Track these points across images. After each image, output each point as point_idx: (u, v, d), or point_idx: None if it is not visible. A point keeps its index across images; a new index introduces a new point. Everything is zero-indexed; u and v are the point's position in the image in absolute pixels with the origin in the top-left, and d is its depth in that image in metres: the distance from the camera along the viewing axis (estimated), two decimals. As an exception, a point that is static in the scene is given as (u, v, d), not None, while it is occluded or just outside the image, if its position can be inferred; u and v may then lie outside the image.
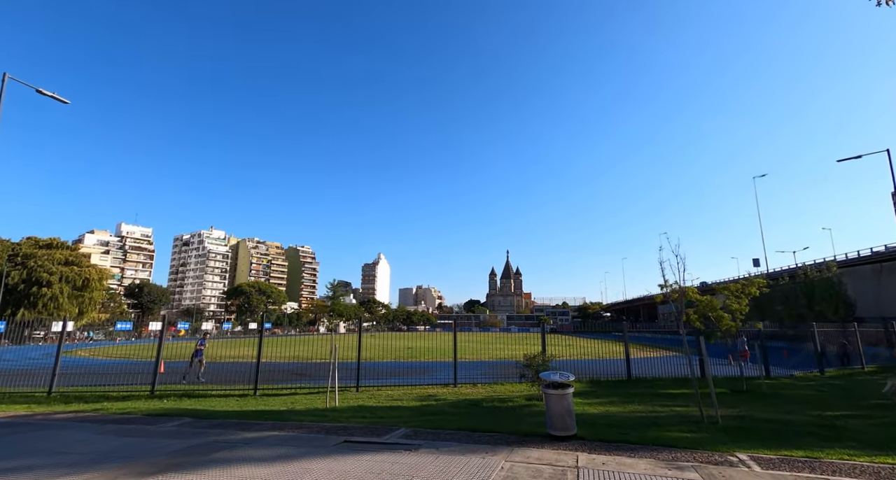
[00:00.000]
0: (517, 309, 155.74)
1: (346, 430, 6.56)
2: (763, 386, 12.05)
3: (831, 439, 6.18)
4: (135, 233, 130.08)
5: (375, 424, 7.10)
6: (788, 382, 14.31)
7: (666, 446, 5.60)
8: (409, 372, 17.37)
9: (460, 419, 7.89)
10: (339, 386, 12.91)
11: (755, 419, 7.81)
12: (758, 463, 4.87)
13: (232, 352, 27.86)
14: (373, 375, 14.11)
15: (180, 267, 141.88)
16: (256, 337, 13.78)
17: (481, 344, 35.46)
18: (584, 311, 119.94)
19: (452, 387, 13.23)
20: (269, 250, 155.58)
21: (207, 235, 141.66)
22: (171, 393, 11.87)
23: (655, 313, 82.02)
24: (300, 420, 7.45)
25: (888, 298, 38.42)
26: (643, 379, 14.55)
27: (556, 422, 5.87)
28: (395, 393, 12.43)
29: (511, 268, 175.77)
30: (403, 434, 6.30)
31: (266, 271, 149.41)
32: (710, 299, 12.30)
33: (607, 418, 7.99)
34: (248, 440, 5.99)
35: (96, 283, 55.31)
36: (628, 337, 15.05)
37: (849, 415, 8.25)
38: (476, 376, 15.11)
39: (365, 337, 30.80)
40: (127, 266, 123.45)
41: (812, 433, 6.55)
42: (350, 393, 12.31)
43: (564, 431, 5.85)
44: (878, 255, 41.48)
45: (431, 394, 12.05)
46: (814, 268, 43.51)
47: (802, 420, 7.69)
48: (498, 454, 5.21)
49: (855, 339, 17.71)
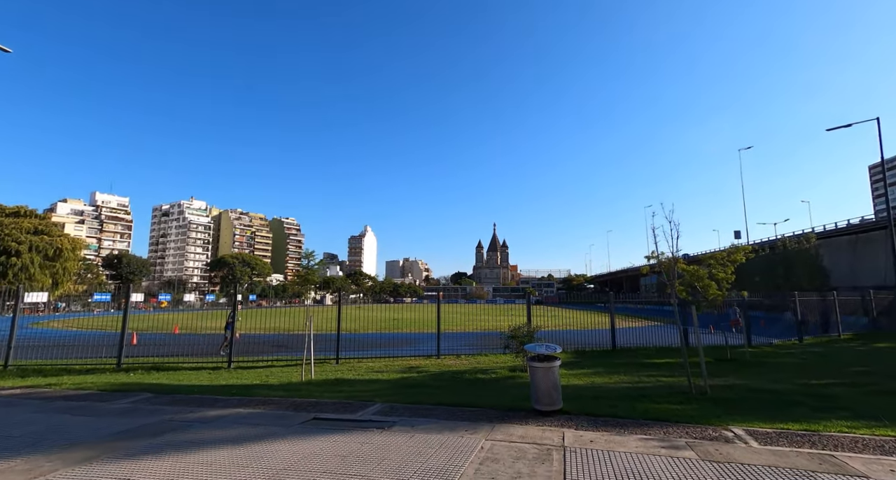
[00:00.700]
0: (503, 282, 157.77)
1: (318, 406, 6.10)
2: (747, 354, 12.04)
3: (823, 409, 5.96)
4: (111, 202, 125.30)
5: (350, 399, 6.66)
6: (770, 350, 14.44)
7: (656, 420, 5.28)
8: (392, 343, 17.10)
9: (441, 392, 7.52)
10: (319, 359, 12.51)
11: (744, 388, 7.63)
12: (755, 438, 4.57)
13: (212, 323, 27.24)
14: (355, 347, 13.73)
15: (160, 239, 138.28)
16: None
17: (466, 316, 35.57)
18: (569, 283, 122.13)
19: (436, 359, 12.94)
20: (253, 221, 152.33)
21: (188, 206, 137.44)
22: (140, 366, 11.28)
23: (638, 285, 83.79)
24: (269, 396, 6.96)
25: (862, 269, 39.53)
26: (628, 348, 14.51)
27: (542, 397, 5.49)
28: (376, 364, 12.08)
29: (498, 241, 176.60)
30: (378, 409, 5.86)
31: (250, 243, 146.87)
32: (696, 268, 12.04)
33: (593, 390, 7.72)
34: (208, 418, 5.47)
35: (69, 253, 53.30)
36: (614, 308, 14.85)
37: (835, 383, 8.16)
38: (460, 347, 14.87)
39: (350, 309, 30.30)
40: (104, 236, 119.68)
41: (802, 403, 6.34)
42: (329, 365, 11.92)
43: (550, 406, 5.47)
44: (853, 227, 42.36)
45: (414, 366, 11.73)
46: (793, 240, 44.36)
47: (790, 388, 7.53)
48: (478, 432, 4.80)
49: (834, 308, 17.97)
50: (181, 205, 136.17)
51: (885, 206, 34.66)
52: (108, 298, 61.34)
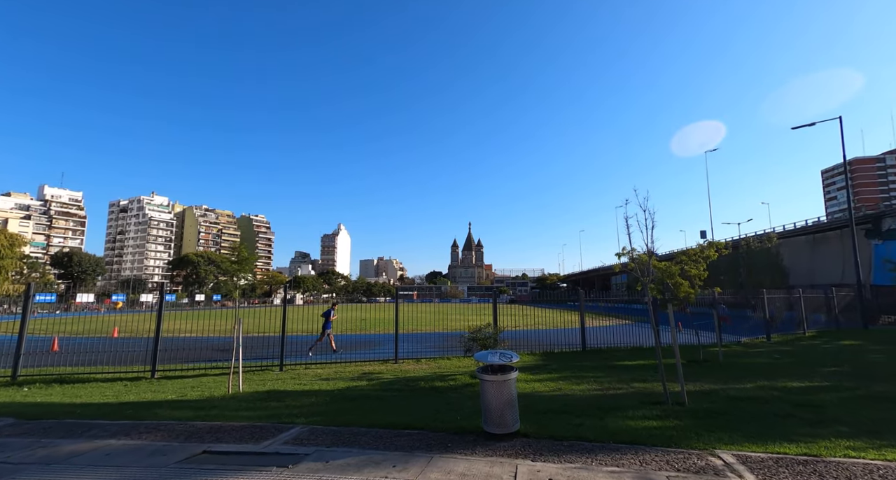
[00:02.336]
0: (478, 281, 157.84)
1: (220, 432, 4.87)
2: (719, 354, 11.51)
3: (815, 422, 5.23)
4: (61, 196, 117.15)
5: (268, 419, 5.45)
6: (740, 349, 14.08)
7: (630, 443, 4.36)
8: (353, 345, 15.83)
9: (384, 407, 6.41)
10: (262, 366, 11.16)
11: (722, 396, 6.89)
12: (749, 468, 3.69)
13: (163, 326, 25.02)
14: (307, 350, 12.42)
15: (118, 236, 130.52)
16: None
17: (437, 315, 34.41)
18: (543, 282, 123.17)
19: (393, 364, 11.81)
20: (220, 218, 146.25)
21: (148, 201, 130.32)
22: (41, 378, 9.61)
23: (609, 283, 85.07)
24: (169, 417, 5.66)
25: (819, 267, 40.97)
26: (598, 349, 13.82)
27: (494, 417, 4.47)
28: (325, 371, 10.84)
29: (473, 240, 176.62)
30: (295, 436, 4.69)
31: (216, 240, 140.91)
32: (668, 265, 11.38)
33: (558, 400, 6.80)
34: (57, 457, 4.16)
35: (6, 250, 48.87)
36: (584, 307, 14.12)
37: (816, 387, 7.56)
38: (423, 349, 13.78)
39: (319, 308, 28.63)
40: (54, 233, 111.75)
41: (790, 414, 5.61)
42: (271, 373, 10.58)
43: (503, 428, 4.46)
44: (811, 227, 43.91)
45: (367, 372, 10.56)
46: (756, 239, 45.62)
47: (772, 395, 6.84)
48: (409, 468, 3.73)
49: (800, 305, 17.96)
50: (141, 201, 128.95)
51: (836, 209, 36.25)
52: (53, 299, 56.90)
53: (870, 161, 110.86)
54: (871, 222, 36.45)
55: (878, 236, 36.16)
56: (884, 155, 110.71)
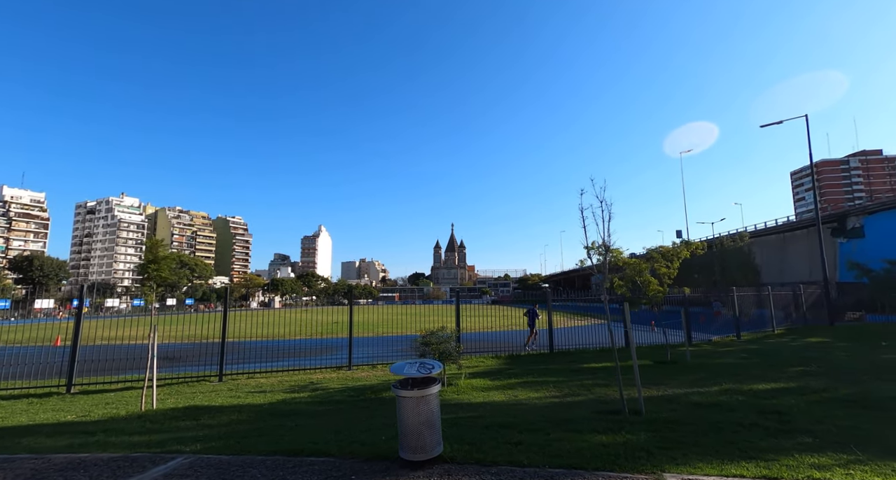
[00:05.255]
0: (461, 282, 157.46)
1: (74, 470, 3.99)
2: (687, 354, 11.10)
3: (779, 433, 4.71)
4: (22, 197, 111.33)
5: (150, 448, 4.59)
6: (709, 348, 13.78)
7: (567, 468, 3.71)
8: (313, 350, 14.88)
9: (307, 426, 5.63)
10: (200, 375, 10.19)
11: (685, 402, 6.36)
12: (699, 499, 3.09)
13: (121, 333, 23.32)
14: (267, 356, 11.51)
15: (85, 238, 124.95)
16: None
17: (411, 317, 33.65)
18: (525, 282, 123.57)
19: (346, 371, 11.01)
20: (195, 220, 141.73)
21: (118, 203, 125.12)
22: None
23: (589, 283, 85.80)
24: (28, 450, 4.73)
25: (789, 265, 41.83)
26: (567, 350, 13.30)
27: (410, 440, 3.75)
28: (268, 380, 9.95)
29: (455, 241, 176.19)
30: (167, 471, 3.87)
31: (191, 243, 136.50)
32: (638, 262, 10.94)
33: (509, 412, 6.14)
34: None
35: (-47, 255, 45.63)
36: (551, 307, 13.58)
37: (782, 390, 7.12)
38: (384, 354, 12.99)
39: (295, 312, 27.22)
40: (13, 236, 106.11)
41: (754, 424, 5.08)
42: (207, 384, 9.63)
43: (421, 453, 3.75)
44: (782, 226, 44.86)
45: (315, 381, 9.73)
46: (729, 238, 46.41)
47: (737, 401, 6.34)
48: (286, 513, 2.98)
49: (769, 303, 17.90)
50: (110, 202, 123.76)
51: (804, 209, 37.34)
52: (7, 305, 53.69)
53: (835, 163, 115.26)
54: (837, 221, 37.39)
55: (843, 235, 37.12)
56: (847, 157, 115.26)
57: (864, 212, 36.37)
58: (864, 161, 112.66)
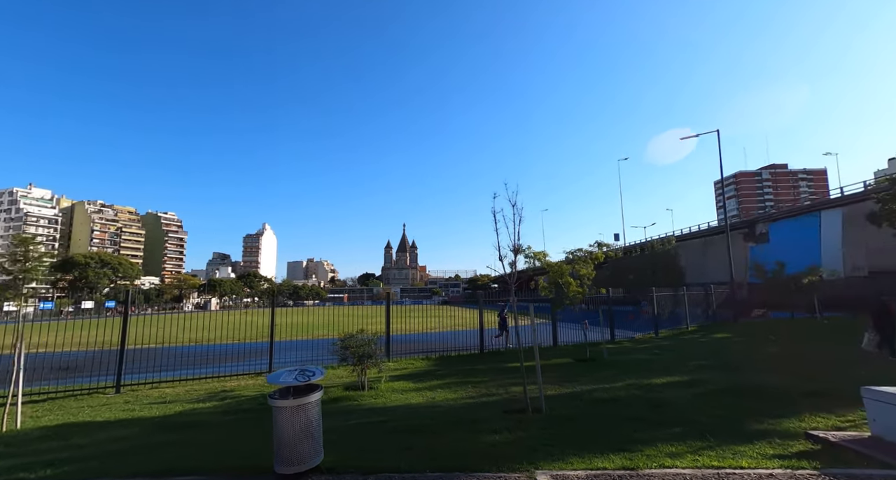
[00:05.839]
0: (412, 282, 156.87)
1: None
2: (605, 352, 11.76)
3: (657, 424, 5.09)
4: None
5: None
6: (629, 345, 14.71)
7: (448, 471, 3.73)
8: (234, 355, 13.97)
9: (197, 442, 5.25)
10: (92, 387, 9.19)
11: (587, 398, 6.70)
12: (558, 494, 3.22)
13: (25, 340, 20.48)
14: (180, 364, 10.64)
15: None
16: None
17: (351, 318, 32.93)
18: (475, 283, 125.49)
19: (265, 377, 10.45)
20: (119, 216, 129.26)
21: (24, 194, 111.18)
22: None
23: (538, 284, 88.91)
24: None
25: (710, 267, 45.93)
26: (497, 351, 13.60)
27: (284, 452, 3.59)
28: (174, 390, 9.22)
29: (407, 242, 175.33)
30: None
31: (115, 240, 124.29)
32: (560, 264, 11.38)
33: (420, 415, 6.12)
34: None
35: None
36: (482, 307, 13.83)
37: (674, 383, 7.73)
38: (312, 358, 12.52)
39: (230, 315, 25.29)
40: None
41: (639, 416, 5.44)
42: (101, 396, 8.74)
43: (297, 465, 3.60)
44: (704, 231, 49.20)
45: (227, 389, 9.16)
46: (659, 242, 50.17)
47: (633, 395, 6.79)
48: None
49: (684, 302, 19.46)
50: (14, 193, 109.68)
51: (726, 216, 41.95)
52: None
53: (751, 174, 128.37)
54: (748, 227, 41.64)
55: (753, 239, 41.42)
56: (761, 169, 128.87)
57: (769, 219, 40.84)
58: (773, 173, 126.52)
